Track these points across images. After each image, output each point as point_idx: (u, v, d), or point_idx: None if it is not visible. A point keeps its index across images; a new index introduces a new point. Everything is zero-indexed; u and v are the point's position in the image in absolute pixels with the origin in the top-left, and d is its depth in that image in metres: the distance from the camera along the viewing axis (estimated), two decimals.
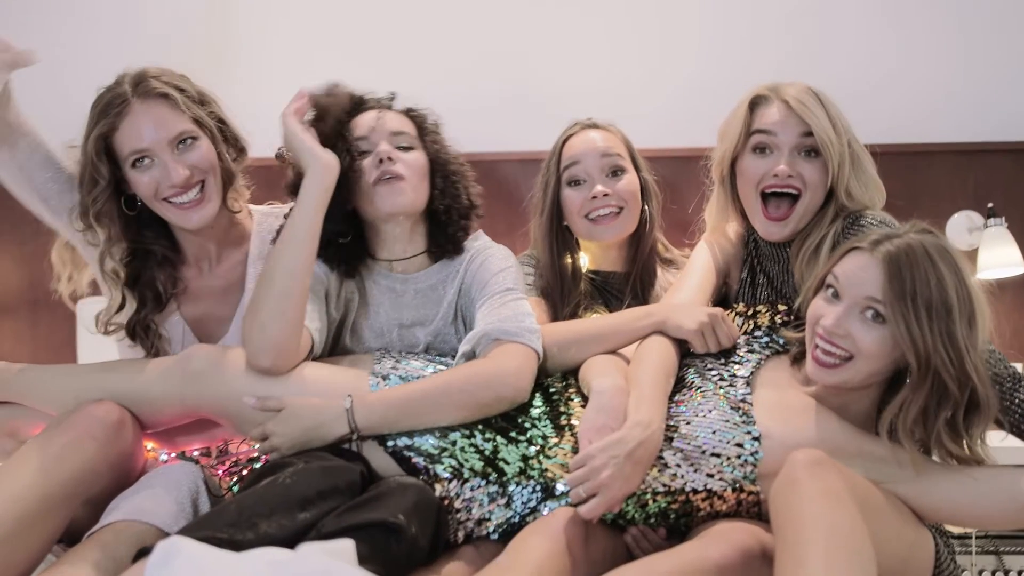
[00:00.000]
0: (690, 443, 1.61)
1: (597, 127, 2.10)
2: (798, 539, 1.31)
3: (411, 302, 1.90)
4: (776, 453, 1.55)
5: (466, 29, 3.04)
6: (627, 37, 3.05)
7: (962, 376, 1.51)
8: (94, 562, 1.44)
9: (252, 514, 1.38)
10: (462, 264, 1.91)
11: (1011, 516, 1.55)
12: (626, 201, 2.04)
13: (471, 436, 1.64)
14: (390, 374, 1.73)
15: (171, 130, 1.81)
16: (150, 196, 1.83)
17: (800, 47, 2.96)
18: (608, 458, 1.50)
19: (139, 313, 1.88)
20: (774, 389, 1.68)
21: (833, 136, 1.77)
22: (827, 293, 1.60)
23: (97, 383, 1.72)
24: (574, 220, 2.06)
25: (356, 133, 1.86)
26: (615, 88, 3.00)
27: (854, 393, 1.62)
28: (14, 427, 1.79)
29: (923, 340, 1.50)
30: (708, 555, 1.42)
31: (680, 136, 2.81)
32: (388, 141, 1.86)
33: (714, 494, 1.59)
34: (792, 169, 1.80)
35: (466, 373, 1.69)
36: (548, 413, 1.69)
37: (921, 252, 1.53)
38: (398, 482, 1.52)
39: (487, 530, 1.59)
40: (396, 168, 1.82)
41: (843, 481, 1.38)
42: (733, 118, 1.88)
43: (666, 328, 1.76)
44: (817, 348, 1.59)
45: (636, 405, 1.58)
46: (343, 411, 1.61)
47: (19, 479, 1.52)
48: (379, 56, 3.02)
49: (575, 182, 2.05)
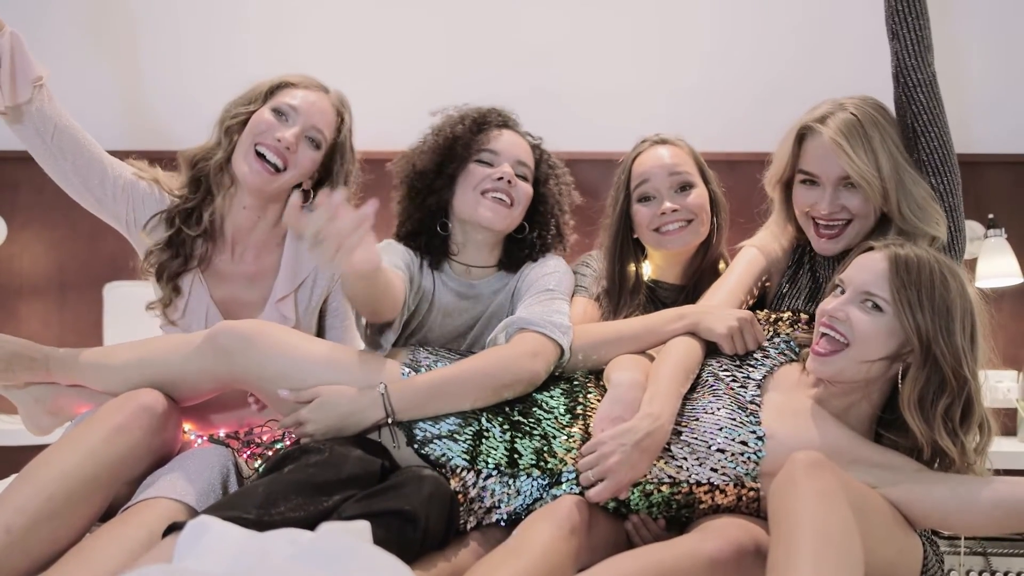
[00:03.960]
0: (697, 437, 1.69)
1: (666, 143, 2.13)
2: (791, 536, 1.37)
3: (469, 305, 2.02)
4: (778, 453, 1.62)
5: (490, 27, 3.08)
6: (648, 40, 3.08)
7: (957, 370, 1.59)
8: (128, 536, 1.51)
9: (277, 497, 1.46)
10: (520, 273, 2.04)
11: (996, 523, 1.59)
12: (695, 214, 2.07)
13: (489, 430, 1.71)
14: (420, 366, 1.81)
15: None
16: (253, 133, 1.99)
17: (804, 56, 2.98)
18: (617, 445, 1.59)
19: (173, 260, 2.03)
20: (782, 392, 1.75)
21: (871, 174, 1.81)
22: (836, 292, 1.70)
23: (138, 364, 1.79)
24: (644, 233, 2.10)
25: (487, 145, 2.00)
26: (633, 90, 3.05)
27: (854, 396, 1.69)
28: (58, 405, 1.89)
29: (925, 326, 1.59)
30: (703, 548, 1.48)
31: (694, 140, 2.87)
32: (513, 166, 1.99)
33: (716, 488, 1.66)
34: (835, 205, 1.87)
35: (487, 357, 1.80)
36: (565, 403, 1.77)
37: (931, 261, 1.64)
38: (415, 473, 1.59)
39: (496, 517, 1.67)
40: (511, 192, 1.97)
41: (839, 483, 1.43)
42: (782, 147, 1.94)
43: (698, 330, 1.84)
44: (820, 336, 1.67)
45: (650, 399, 1.67)
46: (379, 396, 1.70)
47: (70, 458, 1.59)
48: (400, 52, 3.08)
49: (645, 198, 2.09)
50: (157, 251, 2.04)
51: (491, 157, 2.00)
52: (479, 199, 1.97)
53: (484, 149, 2.00)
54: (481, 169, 1.99)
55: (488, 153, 2.00)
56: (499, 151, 2.00)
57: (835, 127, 1.83)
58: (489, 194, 1.96)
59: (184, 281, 2.06)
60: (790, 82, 1.95)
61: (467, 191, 1.99)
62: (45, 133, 1.96)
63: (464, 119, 2.03)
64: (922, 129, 1.89)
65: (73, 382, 1.86)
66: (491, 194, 1.96)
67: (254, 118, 2.01)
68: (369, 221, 1.49)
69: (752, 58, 3.06)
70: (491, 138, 2.01)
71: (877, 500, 1.56)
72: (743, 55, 3.06)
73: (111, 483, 1.63)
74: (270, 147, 1.98)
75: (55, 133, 1.97)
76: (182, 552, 1.28)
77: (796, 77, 2.83)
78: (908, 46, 1.88)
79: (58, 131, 1.97)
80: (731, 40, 3.07)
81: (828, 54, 2.99)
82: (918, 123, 1.89)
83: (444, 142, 2.01)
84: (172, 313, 2.06)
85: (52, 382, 1.87)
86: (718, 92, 3.06)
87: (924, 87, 1.89)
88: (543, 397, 1.78)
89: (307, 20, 3.10)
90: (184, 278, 2.05)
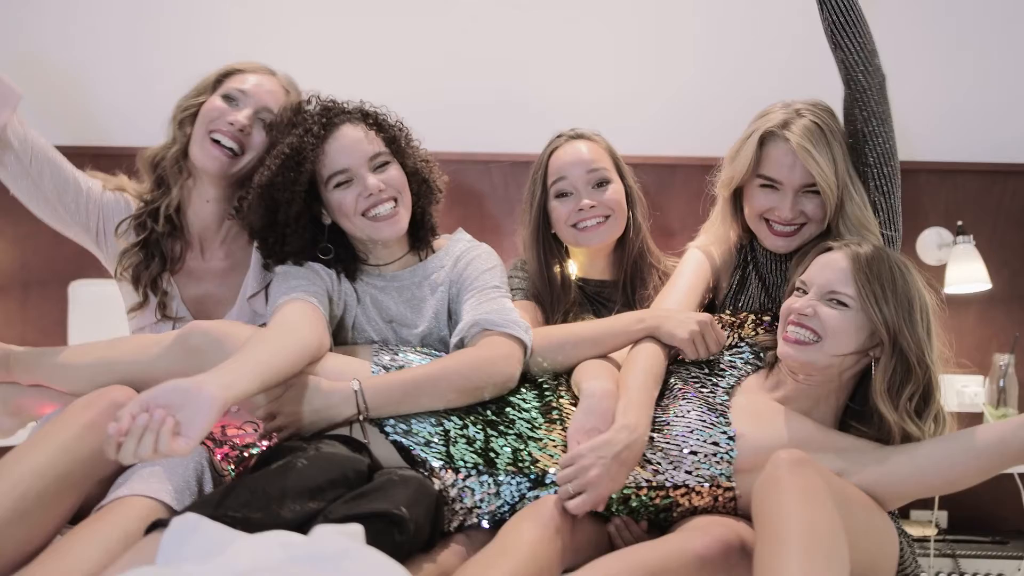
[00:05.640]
0: (670, 441, 1.70)
1: (582, 137, 2.12)
2: (778, 534, 1.37)
3: (400, 299, 1.97)
4: (749, 452, 1.67)
5: (463, 32, 3.06)
6: (621, 48, 3.07)
7: (921, 359, 1.64)
8: (104, 534, 1.47)
9: (264, 496, 1.42)
10: (448, 264, 1.99)
11: (975, 470, 1.61)
12: (612, 210, 2.07)
13: (464, 428, 1.71)
14: (390, 365, 1.80)
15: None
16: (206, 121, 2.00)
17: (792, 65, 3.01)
18: (596, 458, 1.58)
19: (146, 267, 2.01)
20: (747, 396, 1.78)
21: (832, 180, 1.83)
22: (797, 293, 1.73)
23: (106, 364, 1.76)
24: (561, 229, 2.10)
25: (333, 167, 1.87)
26: (607, 96, 3.04)
27: (820, 391, 1.72)
28: (19, 405, 1.84)
29: (891, 317, 1.64)
30: (690, 546, 1.49)
31: (665, 145, 2.88)
32: (369, 168, 1.89)
33: (692, 490, 1.68)
34: (795, 211, 1.88)
35: (461, 359, 1.77)
36: (539, 408, 1.77)
37: (888, 258, 1.70)
38: (400, 475, 1.56)
39: (477, 518, 1.66)
40: (390, 195, 1.89)
41: (822, 480, 1.45)
42: (743, 149, 1.92)
43: (658, 335, 1.84)
44: (787, 331, 1.70)
45: (624, 409, 1.67)
46: (351, 393, 1.68)
47: (40, 456, 1.54)
48: (370, 57, 3.04)
49: (562, 194, 2.09)
50: (132, 253, 2.02)
51: (344, 176, 1.88)
52: (366, 223, 1.89)
53: (334, 173, 1.87)
54: (343, 193, 1.88)
55: (340, 175, 1.88)
56: (348, 167, 1.87)
57: (800, 134, 1.83)
58: (371, 212, 1.88)
59: (160, 283, 2.03)
60: (778, 90, 1.98)
61: (345, 219, 1.90)
62: (24, 157, 1.92)
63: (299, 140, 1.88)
64: (871, 132, 1.91)
65: (35, 382, 1.81)
66: (372, 211, 1.88)
67: (205, 107, 2.01)
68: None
69: (728, 71, 3.07)
70: (327, 153, 1.87)
71: (855, 492, 1.58)
72: (729, 64, 3.08)
73: (84, 481, 1.59)
74: (224, 132, 1.98)
75: (33, 157, 1.93)
76: (167, 551, 1.25)
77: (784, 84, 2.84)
78: (851, 55, 1.89)
79: (35, 153, 1.93)
80: (708, 52, 3.09)
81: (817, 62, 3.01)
82: (867, 127, 1.91)
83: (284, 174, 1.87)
84: (149, 316, 2.03)
85: (12, 382, 1.82)
86: (704, 99, 3.07)
87: (874, 91, 1.90)
88: (516, 399, 1.78)
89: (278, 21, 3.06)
90: (160, 279, 2.03)
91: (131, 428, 1.36)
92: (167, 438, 1.35)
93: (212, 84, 2.04)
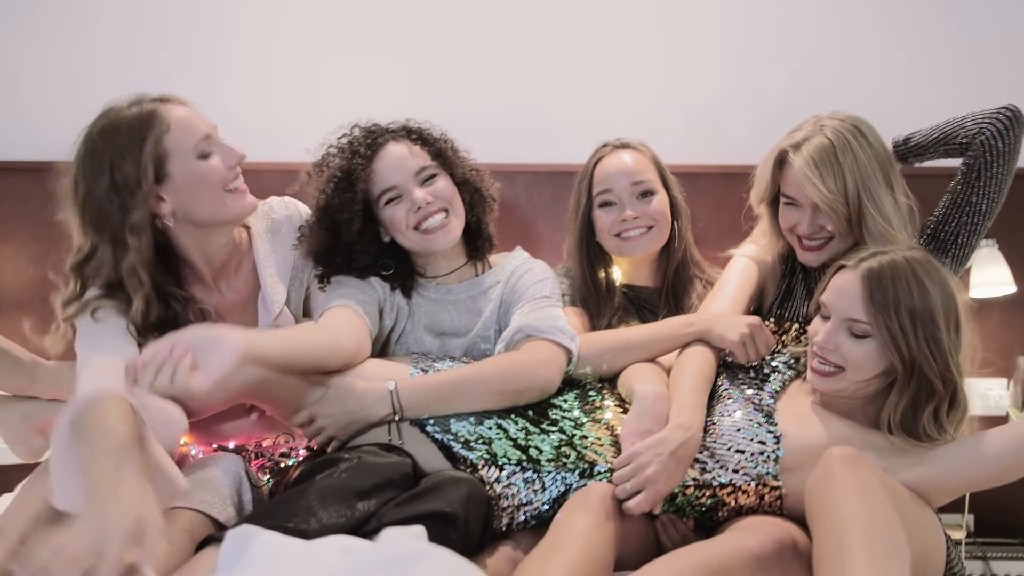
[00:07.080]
0: (716, 440, 1.71)
1: (628, 147, 2.12)
2: (839, 529, 1.37)
3: (455, 311, 1.98)
4: (795, 451, 1.67)
5: (485, 43, 3.07)
6: (647, 58, 3.08)
7: (946, 375, 1.62)
8: None
9: (312, 505, 1.42)
10: (503, 279, 2.00)
11: (1022, 463, 1.59)
12: (656, 220, 2.08)
13: (504, 427, 1.71)
14: (428, 369, 1.81)
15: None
16: (213, 184, 1.79)
17: (814, 75, 3.03)
18: (653, 455, 1.59)
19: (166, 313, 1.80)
20: (791, 399, 1.79)
21: (838, 202, 1.81)
22: (819, 315, 1.73)
23: None
24: (605, 238, 2.10)
25: (383, 185, 1.91)
26: (631, 106, 3.04)
27: (856, 401, 1.71)
28: (44, 423, 1.81)
29: (907, 345, 1.61)
30: (746, 544, 1.49)
31: (688, 154, 2.87)
32: (416, 182, 1.91)
33: (738, 488, 1.68)
34: (813, 225, 1.89)
35: (499, 362, 1.78)
36: (581, 407, 1.77)
37: (904, 266, 1.64)
38: (451, 476, 1.57)
39: (525, 515, 1.66)
40: (440, 206, 1.91)
41: (875, 476, 1.45)
42: (763, 168, 1.95)
43: (708, 338, 1.84)
44: (815, 359, 1.70)
45: (678, 410, 1.68)
46: (387, 393, 1.69)
47: None
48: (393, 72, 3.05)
49: (606, 204, 2.09)
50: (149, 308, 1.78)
51: (393, 192, 1.91)
52: (418, 236, 1.92)
53: (384, 191, 1.91)
54: (395, 209, 1.91)
55: (389, 191, 1.91)
56: (396, 183, 1.90)
57: (807, 156, 1.82)
58: (422, 225, 1.91)
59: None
60: (800, 101, 1.98)
61: (399, 234, 1.93)
62: None
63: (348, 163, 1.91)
64: (976, 205, 1.95)
65: (59, 395, 1.80)
66: (423, 224, 1.91)
67: (195, 176, 1.76)
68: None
69: (762, 77, 3.07)
70: (377, 172, 1.90)
71: (904, 491, 1.58)
72: (752, 74, 3.08)
73: None
74: (233, 178, 1.81)
75: None
76: (225, 563, 1.24)
77: (806, 94, 2.84)
78: (991, 178, 1.96)
79: None
80: (742, 59, 3.09)
81: (840, 72, 3.03)
82: (975, 197, 1.95)
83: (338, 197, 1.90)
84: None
85: (32, 396, 1.82)
86: (727, 109, 3.07)
87: (1000, 181, 1.96)
88: (558, 400, 1.78)
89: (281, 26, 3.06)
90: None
91: (152, 360, 1.43)
92: (184, 373, 1.43)
93: (154, 171, 1.72)
